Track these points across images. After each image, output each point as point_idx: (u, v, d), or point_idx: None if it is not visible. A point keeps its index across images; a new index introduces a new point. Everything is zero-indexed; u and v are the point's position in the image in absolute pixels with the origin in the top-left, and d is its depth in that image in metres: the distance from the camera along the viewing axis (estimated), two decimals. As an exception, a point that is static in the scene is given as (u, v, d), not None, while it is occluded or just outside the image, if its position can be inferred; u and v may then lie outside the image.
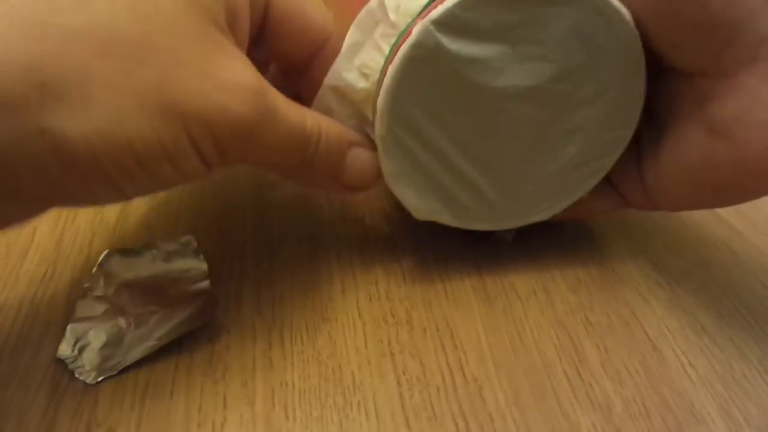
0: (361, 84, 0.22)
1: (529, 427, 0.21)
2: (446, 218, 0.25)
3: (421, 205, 0.24)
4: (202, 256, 0.25)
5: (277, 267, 0.26)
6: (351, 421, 0.21)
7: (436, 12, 0.19)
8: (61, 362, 0.22)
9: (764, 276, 0.27)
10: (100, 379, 0.21)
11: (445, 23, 0.20)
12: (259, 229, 0.28)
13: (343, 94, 0.23)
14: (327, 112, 0.23)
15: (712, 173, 0.21)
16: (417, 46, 0.20)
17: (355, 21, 0.22)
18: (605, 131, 0.23)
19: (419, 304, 0.25)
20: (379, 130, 0.22)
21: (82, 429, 0.20)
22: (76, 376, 0.21)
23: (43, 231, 0.28)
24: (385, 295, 0.25)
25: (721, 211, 0.31)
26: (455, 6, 0.19)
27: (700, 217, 0.30)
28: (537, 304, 0.25)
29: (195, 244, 0.25)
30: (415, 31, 0.20)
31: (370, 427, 0.20)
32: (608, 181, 0.25)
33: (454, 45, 0.20)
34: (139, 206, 0.29)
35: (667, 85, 0.22)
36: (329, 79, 0.22)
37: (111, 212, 0.29)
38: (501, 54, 0.21)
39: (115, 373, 0.21)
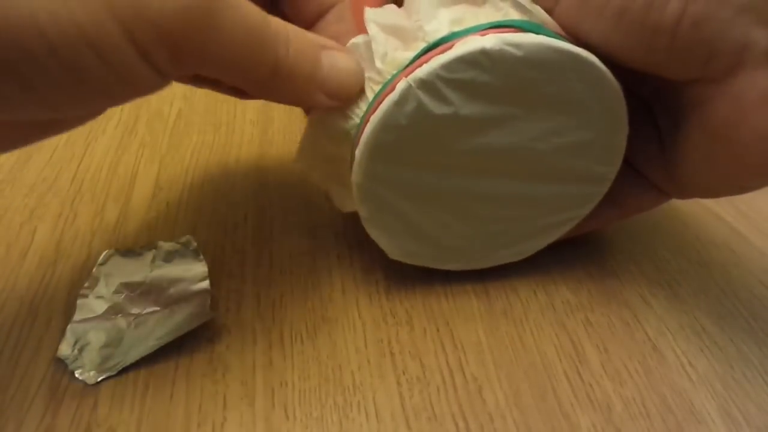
0: (342, 124, 0.22)
1: (529, 427, 0.21)
2: (420, 260, 0.25)
3: (395, 248, 0.25)
4: (202, 256, 0.25)
5: (277, 267, 0.26)
6: (351, 421, 0.21)
7: (422, 71, 0.19)
8: (61, 362, 0.22)
9: (764, 276, 0.27)
10: (100, 379, 0.21)
11: (428, 82, 0.19)
12: (259, 229, 0.28)
13: (327, 130, 0.23)
14: (314, 146, 0.23)
15: (718, 170, 0.22)
16: (399, 103, 0.20)
17: None
18: (581, 184, 0.24)
19: (419, 305, 0.25)
20: (355, 177, 0.22)
21: (82, 429, 0.20)
22: (76, 376, 0.21)
23: (43, 231, 0.28)
24: (385, 295, 0.25)
25: (721, 211, 0.31)
26: (440, 67, 0.19)
27: (700, 217, 0.30)
28: (537, 304, 0.25)
29: (195, 244, 0.25)
30: (399, 87, 0.20)
31: (370, 427, 0.20)
32: (642, 176, 0.25)
33: (435, 104, 0.20)
34: (139, 206, 0.29)
35: (666, 84, 0.22)
36: (316, 112, 0.23)
37: (111, 212, 0.29)
38: (482, 115, 0.21)
39: (115, 373, 0.21)
